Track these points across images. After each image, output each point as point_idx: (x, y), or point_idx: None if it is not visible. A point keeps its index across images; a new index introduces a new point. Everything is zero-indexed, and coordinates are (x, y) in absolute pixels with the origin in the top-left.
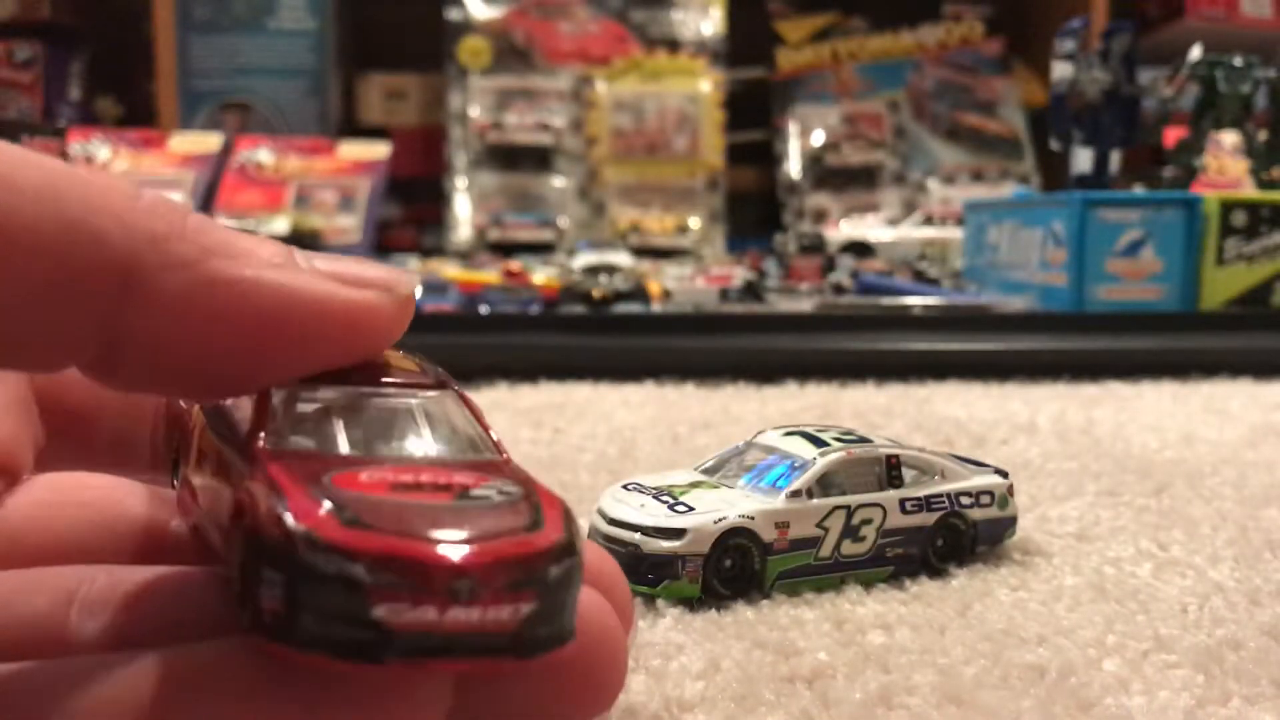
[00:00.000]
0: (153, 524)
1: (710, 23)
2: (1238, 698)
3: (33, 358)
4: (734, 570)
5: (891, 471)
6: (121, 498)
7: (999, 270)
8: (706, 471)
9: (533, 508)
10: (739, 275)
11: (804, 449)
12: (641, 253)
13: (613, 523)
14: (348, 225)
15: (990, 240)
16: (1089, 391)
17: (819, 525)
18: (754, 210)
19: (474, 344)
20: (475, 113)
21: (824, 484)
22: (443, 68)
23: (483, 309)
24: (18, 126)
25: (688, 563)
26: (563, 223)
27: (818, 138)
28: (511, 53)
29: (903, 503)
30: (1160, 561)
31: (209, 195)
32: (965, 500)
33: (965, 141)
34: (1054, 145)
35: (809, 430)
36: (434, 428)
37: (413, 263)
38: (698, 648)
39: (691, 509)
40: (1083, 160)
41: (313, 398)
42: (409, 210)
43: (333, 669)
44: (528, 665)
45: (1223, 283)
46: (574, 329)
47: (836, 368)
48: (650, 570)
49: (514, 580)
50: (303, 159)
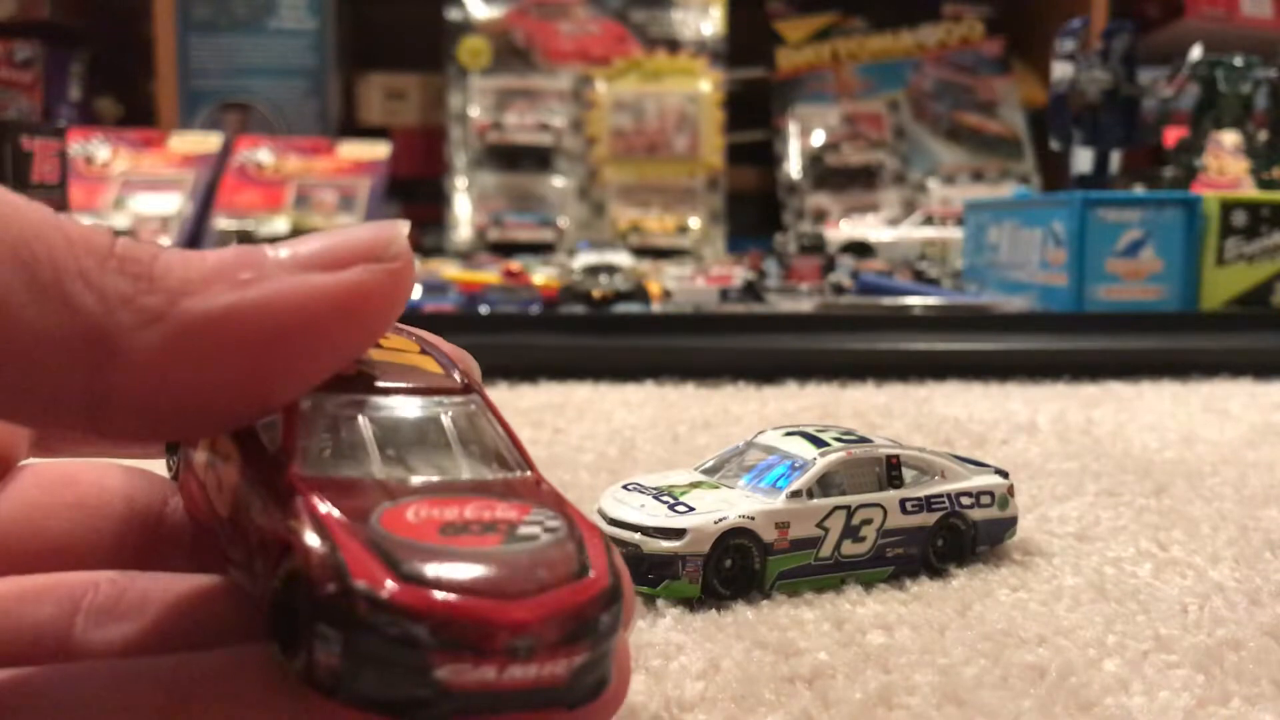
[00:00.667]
0: (149, 512)
1: (710, 23)
2: (1238, 698)
3: (20, 420)
4: (734, 570)
5: (892, 472)
6: (114, 487)
7: (999, 270)
8: (706, 471)
9: (578, 545)
10: (739, 275)
11: (804, 449)
12: (641, 253)
13: (613, 523)
14: (348, 225)
15: (990, 240)
16: (1089, 391)
17: (819, 525)
18: (754, 210)
19: (474, 344)
20: (475, 113)
21: (824, 484)
22: (443, 68)
23: (483, 309)
24: (18, 127)
25: (688, 563)
26: (563, 223)
27: (818, 138)
28: (511, 53)
29: (903, 503)
30: (1160, 561)
31: (209, 195)
32: (965, 500)
33: (965, 141)
34: (1054, 145)
35: (809, 430)
36: (464, 442)
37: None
38: (698, 648)
39: (692, 509)
40: (1083, 160)
41: (339, 409)
42: (409, 210)
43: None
44: (574, 716)
45: (1223, 282)
46: (574, 329)
47: (836, 368)
48: (650, 570)
49: (569, 634)
50: (303, 159)
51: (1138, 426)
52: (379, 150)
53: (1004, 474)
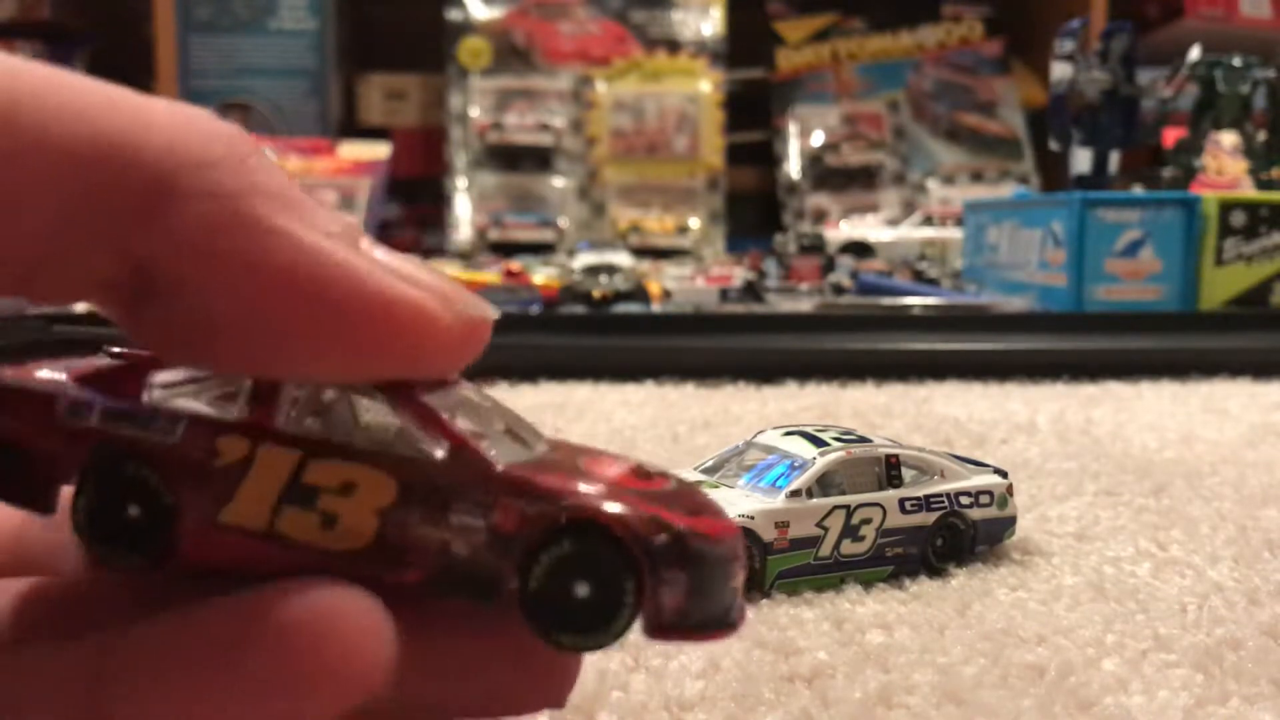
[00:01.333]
0: (20, 534)
1: (710, 23)
2: (1237, 697)
3: (45, 283)
4: None
5: (891, 471)
6: None
7: (998, 270)
8: (706, 471)
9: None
10: (739, 275)
11: (804, 449)
12: (641, 253)
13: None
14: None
15: (990, 240)
16: (1088, 391)
17: (819, 525)
18: (754, 210)
19: None
20: (475, 113)
21: (824, 484)
22: (443, 68)
23: None
24: None
25: None
26: (563, 223)
27: (817, 138)
28: (512, 53)
29: (902, 502)
30: (1159, 561)
31: None
32: (965, 500)
33: (965, 142)
34: (1053, 145)
35: (808, 430)
36: (512, 423)
37: None
38: (698, 647)
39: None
40: (1082, 160)
41: (449, 405)
42: (409, 211)
43: (705, 642)
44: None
45: (1222, 283)
46: (574, 329)
47: (836, 368)
48: None
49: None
50: (303, 159)
51: (1137, 426)
52: (379, 151)
53: (1003, 474)
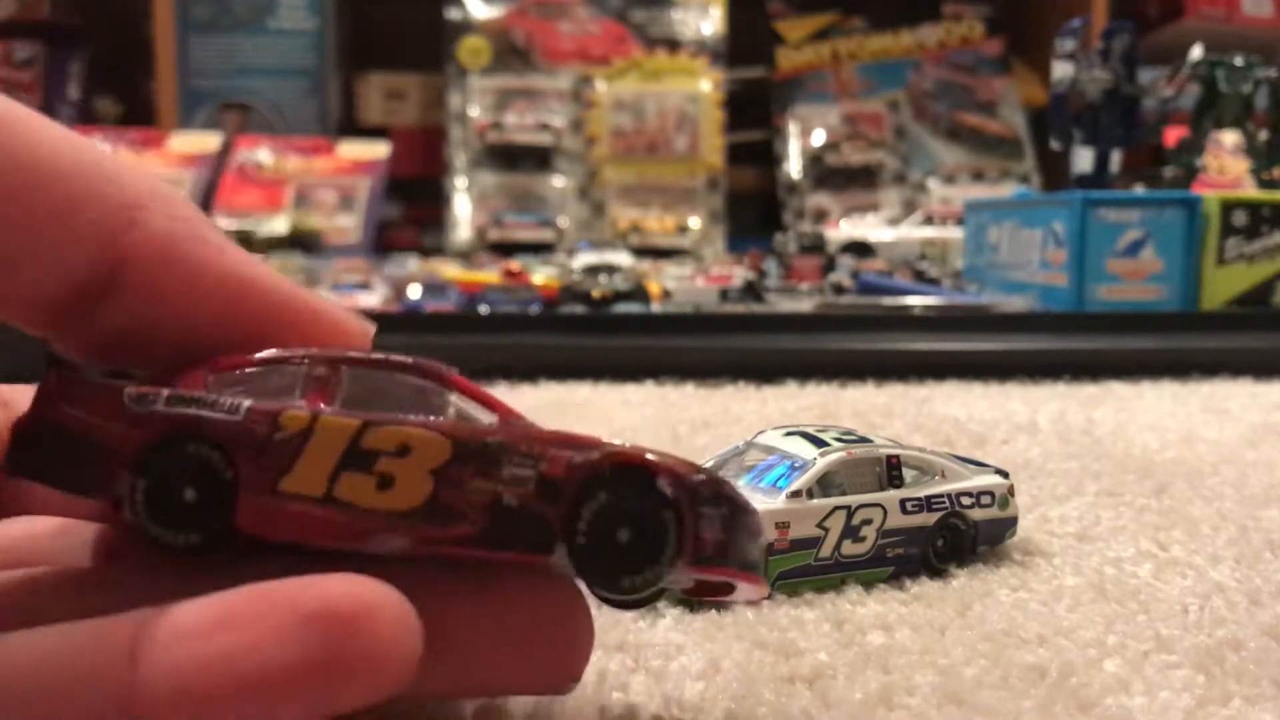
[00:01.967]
0: None
1: (710, 22)
2: (1238, 698)
3: (27, 278)
4: None
5: (892, 472)
6: None
7: (999, 270)
8: None
9: None
10: (739, 275)
11: (804, 449)
12: (641, 253)
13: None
14: (347, 225)
15: (990, 240)
16: (1089, 391)
17: (819, 525)
18: (754, 210)
19: (474, 344)
20: (475, 113)
21: (824, 484)
22: (442, 68)
23: (483, 309)
24: None
25: None
26: (563, 223)
27: (818, 137)
28: (511, 53)
29: (903, 503)
30: (1161, 562)
31: (208, 195)
32: (966, 500)
33: (965, 141)
34: (1054, 145)
35: (809, 430)
36: None
37: (413, 263)
38: (698, 648)
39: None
40: (1083, 160)
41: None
42: (409, 210)
43: (743, 582)
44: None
45: (1223, 282)
46: (574, 329)
47: (836, 368)
48: None
49: None
50: (302, 159)
51: (1138, 426)
52: (379, 150)
53: (1004, 474)
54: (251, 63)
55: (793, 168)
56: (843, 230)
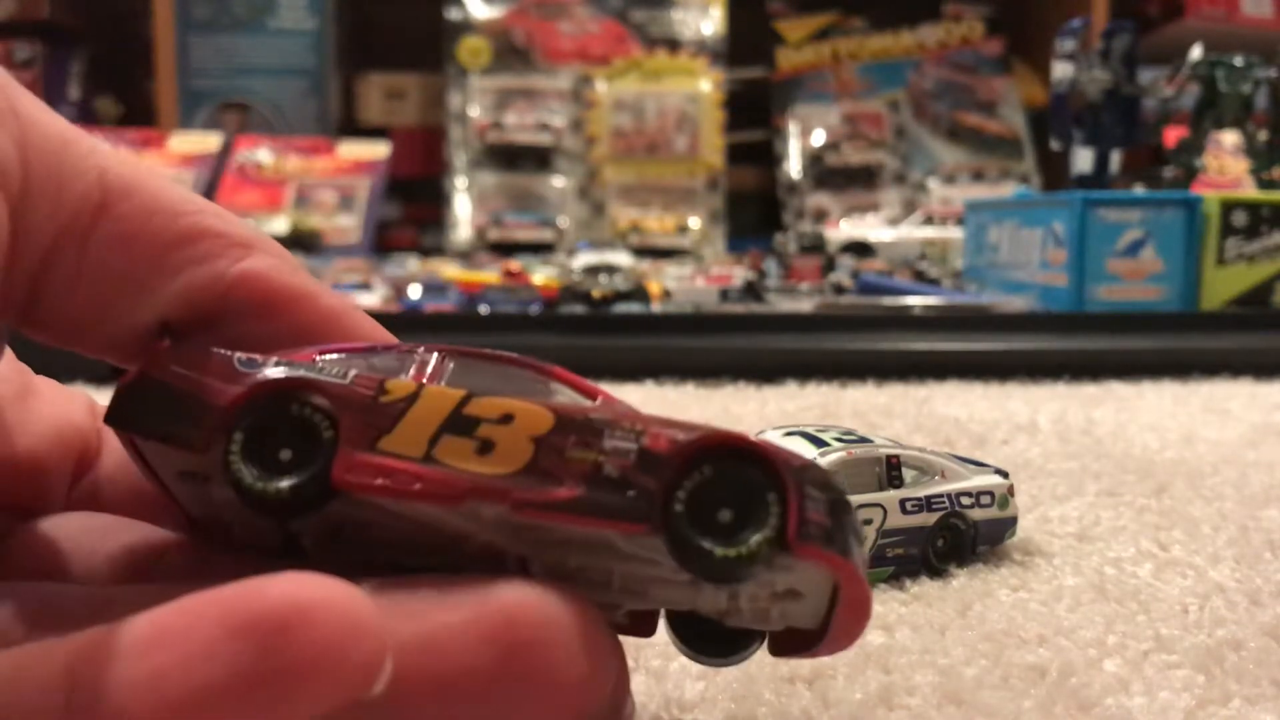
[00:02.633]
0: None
1: (710, 22)
2: (1238, 698)
3: (144, 300)
4: None
5: (892, 472)
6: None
7: (999, 270)
8: None
9: None
10: (739, 275)
11: (804, 449)
12: (641, 253)
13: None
14: (347, 225)
15: (990, 240)
16: (1089, 391)
17: None
18: (754, 210)
19: (474, 344)
20: (475, 113)
21: None
22: (442, 68)
23: (483, 309)
24: None
25: None
26: (563, 223)
27: (818, 137)
28: (511, 52)
29: (903, 503)
30: (1161, 562)
31: (208, 195)
32: (966, 500)
33: (965, 141)
34: (1054, 145)
35: (809, 430)
36: None
37: (413, 263)
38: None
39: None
40: (1083, 160)
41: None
42: (409, 210)
43: (846, 572)
44: None
45: (1223, 282)
46: (574, 329)
47: (837, 368)
48: None
49: None
50: (302, 159)
51: (1138, 426)
52: (379, 150)
53: (1004, 474)
54: (251, 62)
55: (793, 168)
56: (843, 230)
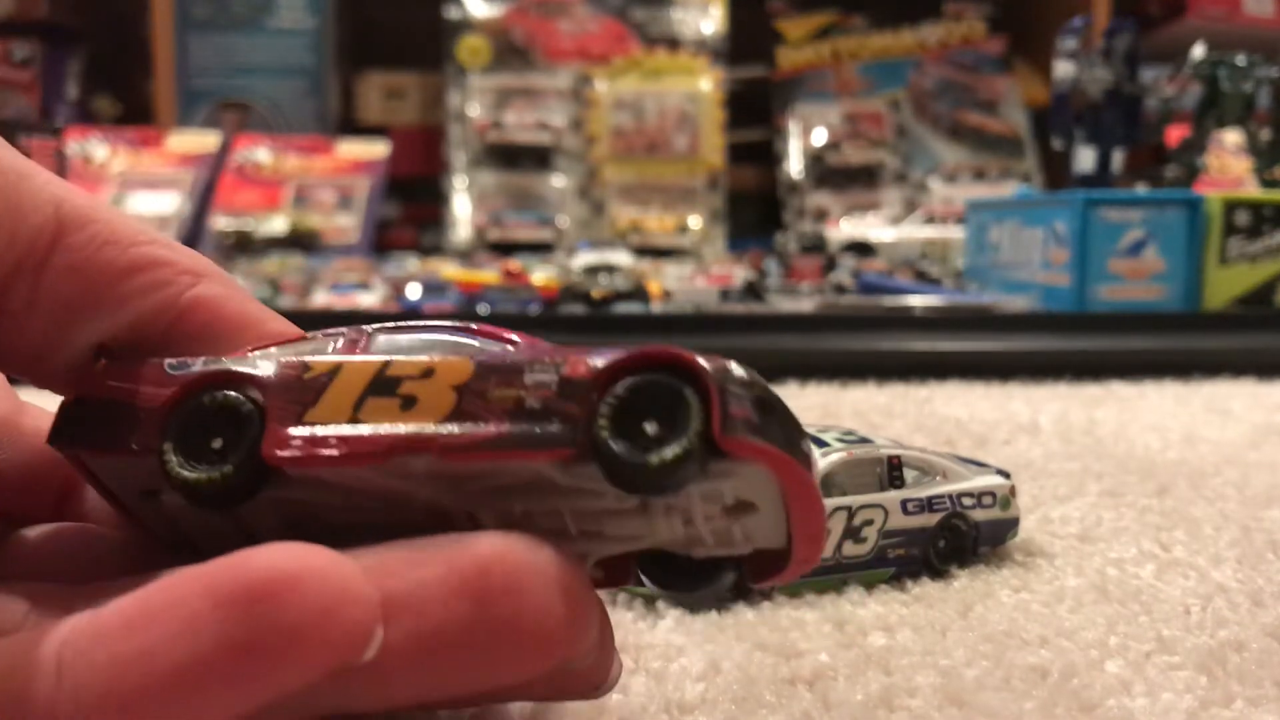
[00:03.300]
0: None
1: (710, 21)
2: (1241, 699)
3: (93, 326)
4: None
5: (893, 472)
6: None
7: (1001, 270)
8: None
9: None
10: (739, 275)
11: None
12: (641, 252)
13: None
14: (346, 225)
15: (992, 240)
16: (1091, 392)
17: None
18: (754, 210)
19: None
20: (474, 112)
21: (825, 485)
22: (442, 67)
23: (482, 309)
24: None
25: None
26: (562, 222)
27: (818, 137)
28: (511, 51)
29: (904, 504)
30: (1163, 562)
31: (207, 195)
32: (967, 501)
33: (967, 140)
34: (1056, 144)
35: (810, 431)
36: None
37: (412, 262)
38: (698, 649)
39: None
40: (1085, 159)
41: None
42: (408, 210)
43: (779, 467)
44: None
45: (1226, 282)
46: (574, 329)
47: (837, 368)
48: None
49: None
50: (301, 158)
51: (1140, 427)
52: (378, 149)
53: (1006, 474)
54: (250, 62)
55: (793, 167)
56: (843, 230)
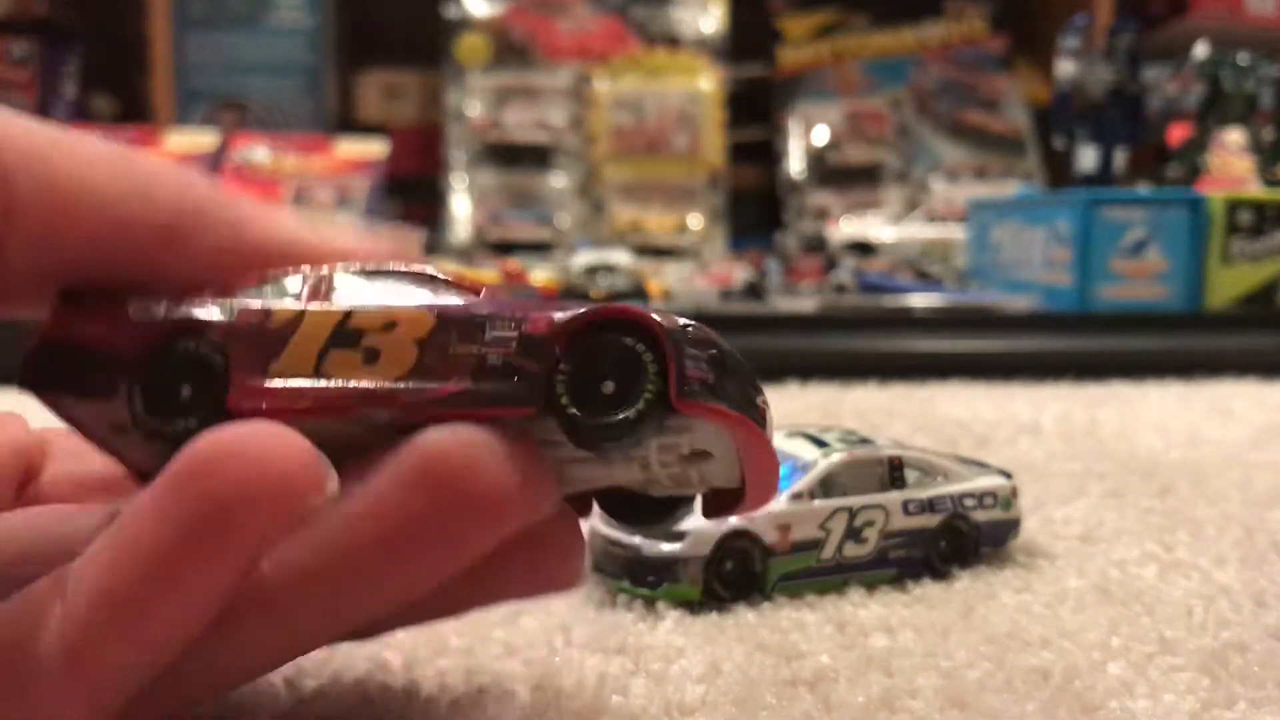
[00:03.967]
0: None
1: (711, 19)
2: (1243, 701)
3: None
4: (735, 573)
5: (894, 473)
6: None
7: (1002, 269)
8: None
9: None
10: (740, 275)
11: (806, 450)
12: (641, 252)
13: (613, 525)
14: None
15: (993, 239)
16: (1093, 392)
17: (821, 527)
18: (755, 209)
19: None
20: (474, 111)
21: (826, 485)
22: (441, 65)
23: None
24: None
25: (689, 565)
26: (562, 222)
27: (819, 136)
28: (510, 50)
29: (906, 504)
30: (1165, 563)
31: None
32: (969, 502)
33: (968, 139)
34: (1058, 144)
35: (811, 431)
36: None
37: None
38: (699, 651)
39: (692, 511)
40: (1087, 159)
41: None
42: (407, 209)
43: (733, 424)
44: None
45: (1228, 282)
46: None
47: (839, 368)
48: (651, 573)
49: None
50: (300, 157)
51: (1142, 427)
52: (377, 148)
53: (1008, 475)
54: (248, 60)
55: (794, 166)
56: (844, 229)
